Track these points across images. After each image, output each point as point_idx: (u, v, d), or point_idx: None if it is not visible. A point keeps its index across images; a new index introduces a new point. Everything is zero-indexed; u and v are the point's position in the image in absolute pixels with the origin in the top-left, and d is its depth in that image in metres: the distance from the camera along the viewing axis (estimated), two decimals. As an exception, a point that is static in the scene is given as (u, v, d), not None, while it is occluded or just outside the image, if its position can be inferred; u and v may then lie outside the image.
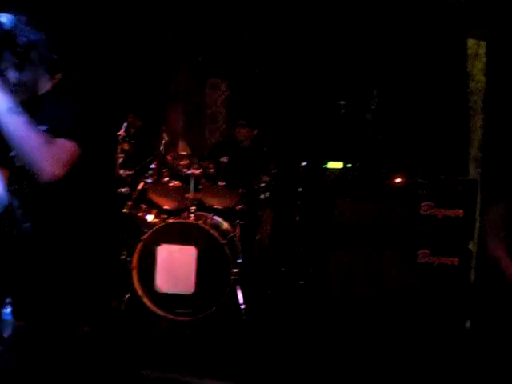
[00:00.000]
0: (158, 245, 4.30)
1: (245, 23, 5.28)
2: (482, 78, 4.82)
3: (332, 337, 3.92)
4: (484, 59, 4.84)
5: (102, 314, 2.24)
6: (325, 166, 3.93)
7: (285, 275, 4.66)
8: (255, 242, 4.68)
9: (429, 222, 3.74)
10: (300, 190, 4.55)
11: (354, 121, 4.39)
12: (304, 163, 4.46)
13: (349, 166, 3.96)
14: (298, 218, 4.61)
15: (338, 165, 3.92)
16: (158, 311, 4.26)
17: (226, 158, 4.56)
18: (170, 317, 4.25)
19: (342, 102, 4.49)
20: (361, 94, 4.72)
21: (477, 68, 4.90)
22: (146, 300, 4.25)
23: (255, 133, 4.79)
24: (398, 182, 3.78)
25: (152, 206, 4.62)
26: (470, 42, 4.99)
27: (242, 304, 4.35)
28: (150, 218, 4.56)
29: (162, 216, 4.58)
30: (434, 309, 3.71)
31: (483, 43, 4.89)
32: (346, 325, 3.91)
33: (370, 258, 3.82)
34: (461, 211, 3.68)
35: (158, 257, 4.31)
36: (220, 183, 4.57)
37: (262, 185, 4.57)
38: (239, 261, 4.49)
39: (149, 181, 4.55)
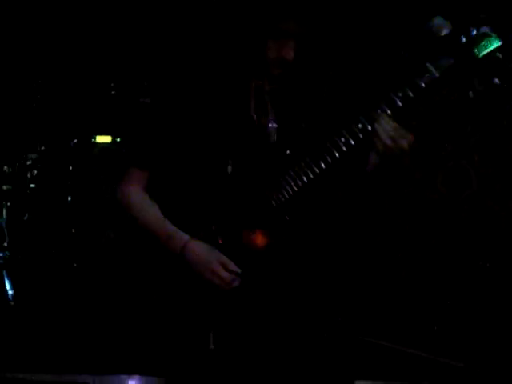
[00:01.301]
0: None
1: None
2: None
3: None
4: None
5: None
6: (93, 140, 3.83)
7: (56, 258, 4.47)
8: (23, 224, 4.44)
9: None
10: (71, 168, 4.40)
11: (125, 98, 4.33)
12: (74, 141, 4.31)
13: (118, 140, 3.89)
14: (69, 198, 4.46)
15: (107, 139, 3.85)
16: None
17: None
18: None
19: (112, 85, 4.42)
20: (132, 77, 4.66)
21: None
22: None
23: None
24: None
25: None
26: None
27: (9, 290, 4.11)
28: None
29: None
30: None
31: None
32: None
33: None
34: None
35: None
36: (-18, 162, 4.28)
37: (29, 163, 4.35)
38: (5, 244, 4.25)
39: None
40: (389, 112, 1.84)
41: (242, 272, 1.89)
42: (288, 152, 1.94)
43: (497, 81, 1.66)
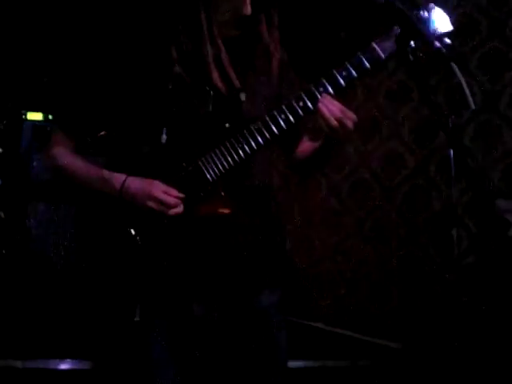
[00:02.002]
0: None
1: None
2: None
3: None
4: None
5: None
6: (24, 117, 3.66)
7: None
8: None
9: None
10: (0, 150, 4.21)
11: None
12: (4, 121, 4.11)
13: (50, 117, 3.71)
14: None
15: (38, 116, 3.67)
16: None
17: None
18: None
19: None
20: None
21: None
22: None
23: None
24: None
25: None
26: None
27: None
28: None
29: None
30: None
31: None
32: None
33: (69, 214, 3.71)
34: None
35: None
36: None
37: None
38: None
39: None
40: (331, 91, 1.79)
41: (184, 197, 1.82)
42: (227, 125, 1.87)
43: (437, 44, 1.62)
